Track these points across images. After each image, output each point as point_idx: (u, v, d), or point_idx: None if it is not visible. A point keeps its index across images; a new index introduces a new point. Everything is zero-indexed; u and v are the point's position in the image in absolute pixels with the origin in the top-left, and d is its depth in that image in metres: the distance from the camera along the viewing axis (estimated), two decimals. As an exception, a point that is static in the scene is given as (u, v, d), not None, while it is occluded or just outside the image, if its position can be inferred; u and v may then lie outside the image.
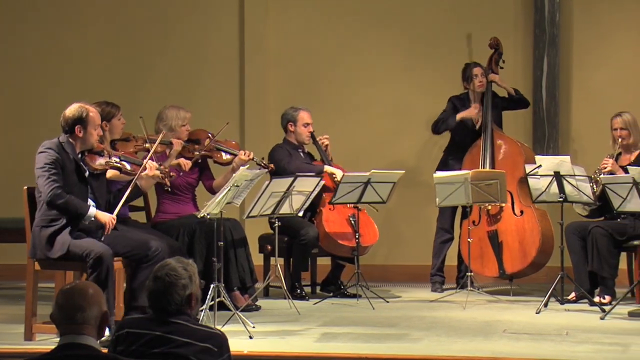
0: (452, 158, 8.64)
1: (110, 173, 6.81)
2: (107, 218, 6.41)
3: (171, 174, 6.91)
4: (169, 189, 7.27)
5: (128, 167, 6.69)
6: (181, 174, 7.58)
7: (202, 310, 6.70)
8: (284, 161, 8.26)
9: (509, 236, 8.40)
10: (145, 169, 6.66)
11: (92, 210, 6.37)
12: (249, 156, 7.74)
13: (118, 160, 6.61)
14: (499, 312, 7.52)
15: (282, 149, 8.40)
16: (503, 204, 8.24)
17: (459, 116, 8.56)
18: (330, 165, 8.40)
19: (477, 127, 8.59)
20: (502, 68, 8.70)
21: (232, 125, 9.34)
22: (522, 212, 8.40)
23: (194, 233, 7.53)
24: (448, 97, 8.73)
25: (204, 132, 7.89)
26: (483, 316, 7.33)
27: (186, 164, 7.61)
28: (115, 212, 6.48)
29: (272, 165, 7.93)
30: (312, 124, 8.46)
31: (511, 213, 8.42)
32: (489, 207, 8.38)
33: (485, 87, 8.61)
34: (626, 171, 7.55)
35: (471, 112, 8.57)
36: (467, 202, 7.98)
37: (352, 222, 8.11)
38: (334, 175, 8.20)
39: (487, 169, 8.38)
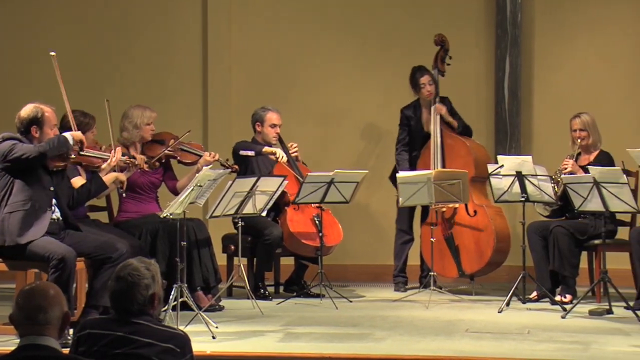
0: (411, 166, 8.64)
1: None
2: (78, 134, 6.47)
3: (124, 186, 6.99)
4: (124, 193, 7.27)
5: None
6: (139, 170, 7.49)
7: (165, 311, 6.67)
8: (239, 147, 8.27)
9: (465, 237, 8.44)
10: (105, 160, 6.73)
11: (66, 134, 6.41)
12: (213, 157, 7.73)
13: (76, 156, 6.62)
14: (461, 312, 7.56)
15: (246, 142, 8.40)
16: (458, 205, 8.28)
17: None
18: (296, 166, 8.38)
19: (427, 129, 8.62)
20: (449, 65, 8.69)
21: (196, 125, 9.33)
22: (475, 212, 8.44)
23: (156, 233, 7.50)
24: (408, 97, 8.75)
25: (169, 135, 7.87)
26: (446, 315, 7.36)
27: (141, 158, 7.57)
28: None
29: (236, 166, 7.92)
30: (280, 126, 8.44)
31: (465, 214, 8.46)
32: (444, 210, 8.41)
33: (433, 95, 8.60)
34: (586, 171, 7.61)
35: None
36: (430, 202, 8.01)
37: (317, 222, 8.12)
38: (275, 154, 8.18)
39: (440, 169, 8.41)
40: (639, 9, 9.18)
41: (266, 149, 8.28)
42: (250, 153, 8.01)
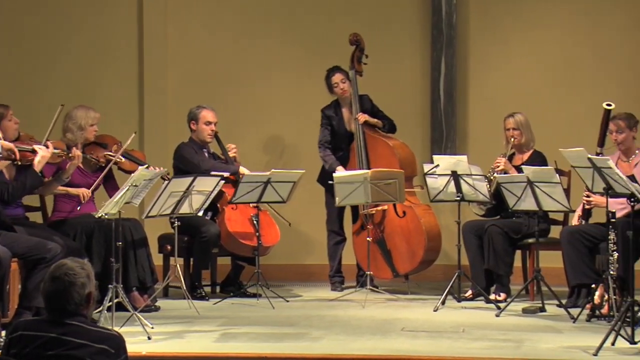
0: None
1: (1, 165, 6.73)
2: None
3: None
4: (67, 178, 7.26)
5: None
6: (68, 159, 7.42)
7: (100, 312, 6.62)
8: (195, 159, 8.23)
9: (396, 239, 8.50)
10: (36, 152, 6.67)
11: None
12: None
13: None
14: (397, 310, 7.60)
15: (189, 147, 8.37)
16: (387, 207, 8.33)
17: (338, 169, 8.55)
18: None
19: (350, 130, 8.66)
20: (365, 64, 8.71)
21: (131, 125, 9.28)
22: (404, 212, 8.49)
23: (92, 233, 7.44)
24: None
25: (112, 139, 7.83)
26: (382, 314, 7.40)
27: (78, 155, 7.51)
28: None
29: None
30: (215, 124, 8.42)
31: (394, 215, 8.51)
32: (373, 213, 8.44)
33: (348, 93, 8.63)
34: (520, 171, 7.70)
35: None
36: (367, 201, 8.05)
37: (254, 221, 8.11)
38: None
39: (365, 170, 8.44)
40: (572, 10, 9.30)
41: (242, 170, 8.23)
42: (226, 174, 7.90)
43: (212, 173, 7.52)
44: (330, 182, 8.16)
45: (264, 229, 8.19)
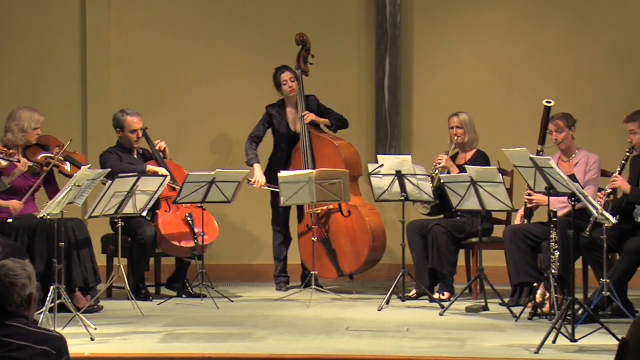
0: (273, 165, 8.66)
1: None
2: None
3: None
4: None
5: None
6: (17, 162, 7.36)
7: (41, 312, 6.56)
8: (108, 163, 8.10)
9: (341, 238, 8.52)
10: None
11: None
12: None
13: None
14: (342, 310, 7.62)
15: (111, 154, 8.25)
16: (332, 206, 8.35)
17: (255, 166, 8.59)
18: (164, 164, 8.31)
19: (295, 130, 8.68)
20: (311, 64, 8.74)
21: (74, 126, 9.21)
22: (349, 212, 8.52)
23: (34, 233, 7.37)
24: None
25: (55, 140, 7.76)
26: (327, 314, 7.41)
27: (24, 163, 7.45)
28: None
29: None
30: (140, 129, 8.30)
31: (339, 215, 8.54)
32: (318, 211, 8.46)
33: (296, 92, 8.65)
34: (463, 170, 7.76)
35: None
36: (312, 201, 8.06)
37: (189, 221, 8.08)
38: (157, 173, 8.10)
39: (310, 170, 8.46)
40: (514, 12, 9.38)
41: (150, 168, 8.16)
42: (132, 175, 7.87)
43: (120, 175, 7.45)
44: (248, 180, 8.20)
45: (203, 227, 8.12)
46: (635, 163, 7.46)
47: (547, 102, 7.59)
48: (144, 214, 7.65)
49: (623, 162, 7.28)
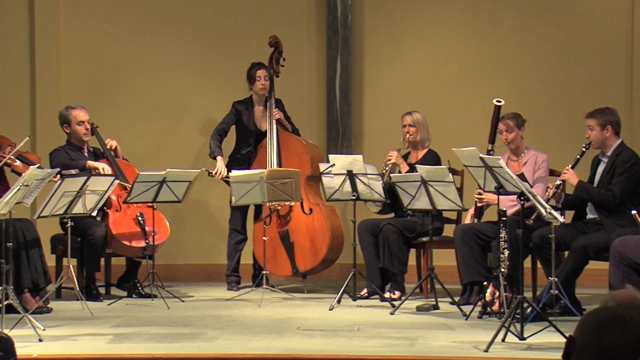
0: (235, 162, 8.65)
1: None
2: None
3: None
4: None
5: None
6: None
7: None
8: (54, 162, 8.06)
9: (300, 235, 8.53)
10: None
11: None
12: None
13: None
14: (293, 310, 7.62)
15: (60, 152, 8.20)
16: (293, 203, 8.36)
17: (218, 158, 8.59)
18: (115, 163, 8.26)
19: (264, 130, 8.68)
20: (282, 66, 8.78)
21: (23, 124, 9.12)
22: (311, 210, 8.54)
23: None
24: (232, 97, 8.79)
25: (7, 140, 7.68)
26: (278, 314, 7.41)
27: None
28: None
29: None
30: (87, 121, 8.26)
31: (301, 212, 8.55)
32: (279, 208, 8.47)
33: (266, 90, 8.67)
34: (414, 169, 7.79)
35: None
36: (263, 201, 8.05)
37: (141, 221, 8.04)
38: (97, 170, 8.04)
39: (275, 168, 8.49)
40: (465, 11, 9.43)
41: (89, 163, 8.10)
42: (74, 172, 7.83)
43: (63, 172, 7.39)
44: (206, 171, 8.28)
45: (154, 227, 8.09)
46: (594, 163, 7.53)
47: (498, 101, 7.64)
48: (94, 214, 7.59)
49: (578, 156, 7.33)
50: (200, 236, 9.47)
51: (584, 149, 7.34)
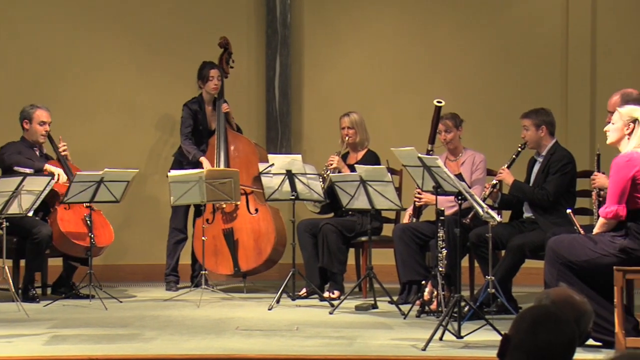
0: (187, 162, 8.61)
1: None
2: None
3: None
4: None
5: None
6: None
7: None
8: (6, 154, 8.02)
9: (244, 234, 8.51)
10: None
11: None
12: None
13: None
14: (232, 310, 7.60)
15: (13, 145, 8.15)
16: (238, 202, 8.35)
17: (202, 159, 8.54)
18: (67, 166, 8.20)
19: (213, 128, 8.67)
20: (232, 67, 8.79)
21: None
22: (256, 210, 8.53)
23: None
24: (181, 95, 8.75)
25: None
26: (217, 314, 7.38)
27: None
28: None
29: None
30: (49, 124, 8.23)
31: (246, 211, 8.54)
32: (224, 205, 8.46)
33: (218, 91, 8.66)
34: (354, 170, 7.82)
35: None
36: (202, 201, 8.02)
37: (88, 222, 7.97)
38: (53, 175, 7.97)
39: (222, 167, 8.47)
40: (404, 11, 9.47)
41: (48, 168, 8.04)
42: (28, 170, 7.73)
43: (15, 168, 7.30)
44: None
45: (98, 229, 8.06)
46: (530, 163, 7.62)
47: (438, 101, 7.69)
48: (30, 214, 7.50)
49: (514, 156, 7.41)
50: (143, 236, 9.39)
51: (519, 149, 7.42)
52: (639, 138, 5.97)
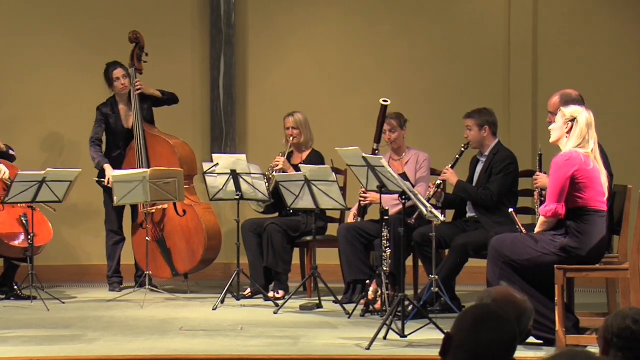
0: (112, 165, 8.55)
1: None
2: None
3: None
4: None
5: None
6: None
7: None
8: None
9: (176, 237, 8.47)
10: None
11: None
12: None
13: None
14: (176, 310, 7.57)
15: None
16: (167, 206, 8.30)
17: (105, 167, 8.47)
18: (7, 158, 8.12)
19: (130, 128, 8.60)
20: (145, 62, 8.67)
21: None
22: (184, 211, 8.49)
23: None
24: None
25: None
26: (161, 314, 7.35)
27: None
28: None
29: None
30: None
31: (174, 214, 8.49)
32: (153, 211, 8.39)
33: (128, 89, 8.57)
34: (298, 169, 7.83)
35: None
36: (146, 201, 7.98)
37: (24, 221, 7.88)
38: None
39: (144, 169, 8.38)
40: (347, 10, 9.48)
41: None
42: None
43: None
44: (96, 179, 8.17)
45: (36, 228, 7.93)
46: (473, 163, 7.68)
47: (384, 100, 7.72)
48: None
49: (457, 156, 7.47)
50: (86, 237, 9.31)
51: (462, 149, 7.48)
52: (577, 138, 6.04)
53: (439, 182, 7.46)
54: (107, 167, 8.41)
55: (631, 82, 9.18)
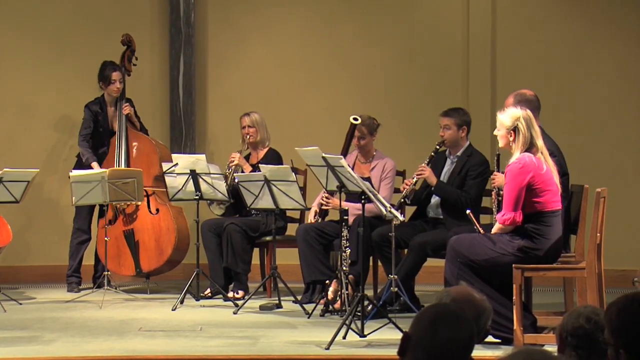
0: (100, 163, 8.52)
1: None
2: None
3: None
4: None
5: None
6: None
7: None
8: None
9: (145, 235, 8.44)
10: None
11: None
12: None
13: None
14: (135, 310, 7.53)
15: None
16: (139, 202, 8.27)
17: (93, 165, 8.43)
18: None
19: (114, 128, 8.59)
20: (135, 65, 8.69)
21: None
22: (157, 210, 8.47)
23: None
24: (82, 95, 8.64)
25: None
26: (119, 315, 7.32)
27: None
28: None
29: None
30: None
31: (147, 211, 8.46)
32: (125, 206, 8.37)
33: (120, 92, 8.57)
34: (256, 169, 7.81)
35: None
36: (105, 201, 7.93)
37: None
38: None
39: (123, 167, 8.38)
40: (308, 10, 9.48)
41: None
42: None
43: None
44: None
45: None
46: (438, 159, 7.61)
47: (354, 119, 7.71)
48: None
49: (432, 154, 7.45)
50: (44, 237, 9.24)
51: (437, 147, 7.45)
52: (523, 144, 6.08)
53: (415, 179, 7.40)
54: (95, 165, 8.38)
55: (589, 82, 9.25)
